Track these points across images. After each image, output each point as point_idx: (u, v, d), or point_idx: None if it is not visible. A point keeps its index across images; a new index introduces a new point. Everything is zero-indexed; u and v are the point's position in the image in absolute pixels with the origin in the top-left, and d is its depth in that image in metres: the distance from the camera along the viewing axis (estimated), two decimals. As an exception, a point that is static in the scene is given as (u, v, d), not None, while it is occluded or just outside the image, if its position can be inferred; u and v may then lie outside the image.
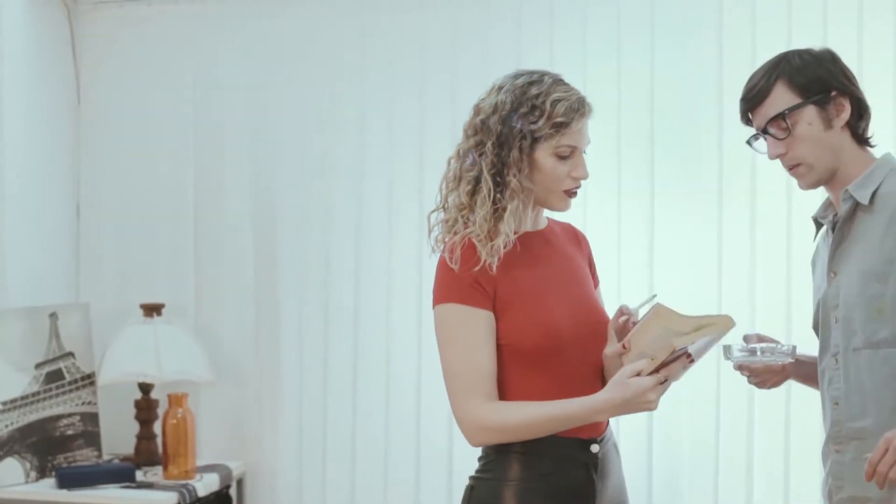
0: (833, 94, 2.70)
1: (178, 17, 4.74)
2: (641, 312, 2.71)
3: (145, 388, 4.57)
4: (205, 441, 4.64)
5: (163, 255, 4.76)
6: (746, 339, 2.88)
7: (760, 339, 2.88)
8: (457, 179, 2.75)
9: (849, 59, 2.79)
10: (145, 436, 4.58)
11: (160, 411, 4.53)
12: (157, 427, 4.56)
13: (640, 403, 2.51)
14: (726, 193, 4.18)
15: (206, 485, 4.35)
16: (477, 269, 2.63)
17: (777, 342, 2.86)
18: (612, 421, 2.80)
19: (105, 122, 4.83)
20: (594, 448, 2.69)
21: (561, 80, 2.72)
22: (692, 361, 2.54)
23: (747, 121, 2.80)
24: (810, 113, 2.69)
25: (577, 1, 4.35)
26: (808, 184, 2.77)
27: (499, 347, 2.66)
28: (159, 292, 4.68)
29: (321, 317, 4.60)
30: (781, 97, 2.71)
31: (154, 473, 4.43)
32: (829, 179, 2.75)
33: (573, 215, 2.87)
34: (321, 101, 4.61)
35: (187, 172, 4.74)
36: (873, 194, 2.68)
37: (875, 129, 2.78)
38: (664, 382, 2.52)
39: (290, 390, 4.63)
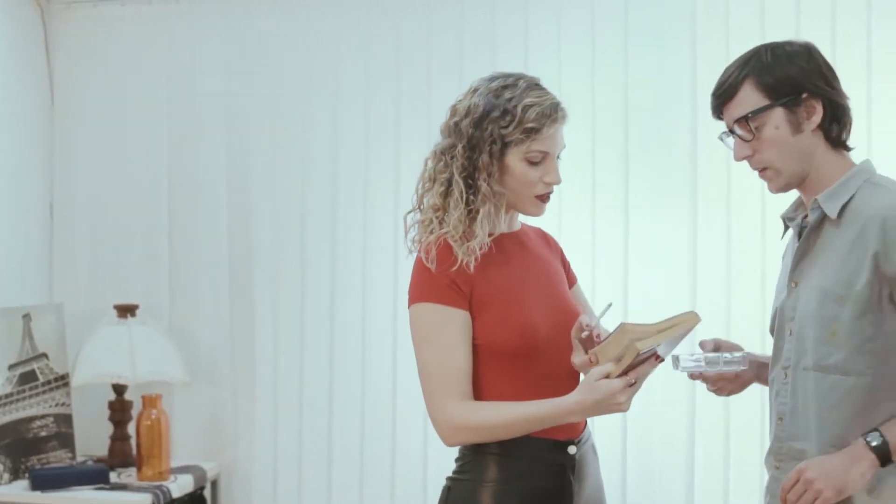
0: (804, 95, 2.56)
1: (151, 17, 4.73)
2: (602, 322, 2.70)
3: (119, 389, 4.56)
4: (179, 442, 4.62)
5: (137, 255, 4.75)
6: (702, 345, 2.81)
7: (717, 345, 2.80)
8: (431, 180, 2.75)
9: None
10: (119, 437, 4.57)
11: (134, 412, 4.52)
12: (131, 428, 4.55)
13: (611, 405, 2.51)
14: (701, 193, 4.19)
15: (180, 486, 4.34)
16: (454, 269, 2.63)
17: (736, 347, 2.80)
18: (587, 422, 2.81)
19: (79, 121, 4.82)
20: (571, 450, 2.70)
21: (536, 85, 2.72)
22: (661, 360, 2.54)
23: (719, 115, 2.67)
24: (777, 116, 2.56)
25: (551, 2, 4.35)
26: (777, 188, 2.65)
27: (475, 347, 2.66)
28: (133, 293, 4.68)
29: (296, 317, 4.60)
30: (748, 97, 2.58)
31: (128, 475, 4.42)
32: (799, 183, 2.63)
33: (548, 216, 2.87)
34: (296, 101, 4.60)
35: (161, 173, 4.73)
36: (843, 207, 2.55)
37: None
38: (634, 384, 2.51)
39: (265, 391, 4.62)
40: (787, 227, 2.80)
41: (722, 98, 2.63)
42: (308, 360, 4.59)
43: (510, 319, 2.64)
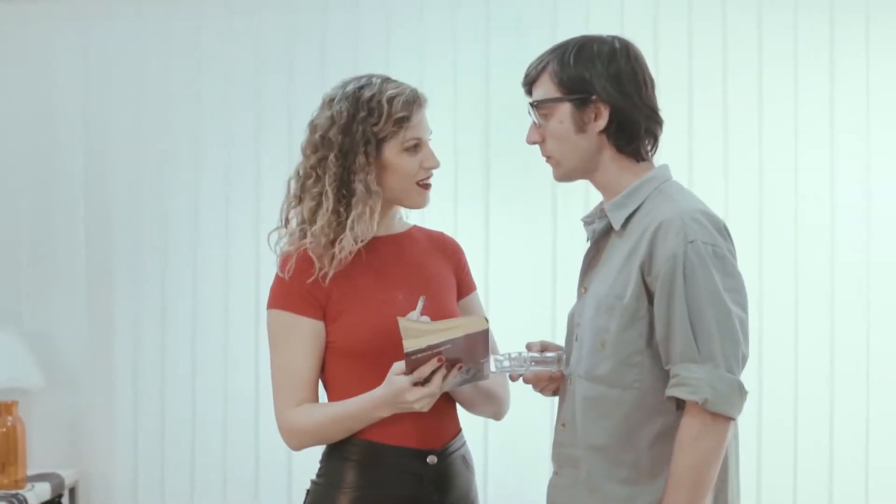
0: (593, 97, 2.54)
1: (13, 17, 4.62)
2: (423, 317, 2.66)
3: (-27, 396, 4.45)
4: (36, 449, 4.53)
5: (-9, 259, 4.64)
6: (529, 346, 2.71)
7: (544, 346, 2.71)
8: (297, 198, 2.75)
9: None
10: (-26, 445, 4.46)
11: (-11, 420, 4.42)
12: (-14, 436, 4.44)
13: (402, 403, 2.54)
14: (560, 192, 4.22)
15: (37, 494, 4.26)
16: (311, 279, 2.67)
17: (560, 347, 2.71)
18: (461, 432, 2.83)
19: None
20: (431, 460, 2.70)
21: (389, 78, 2.75)
22: (442, 362, 2.50)
23: (529, 94, 2.69)
24: (564, 110, 2.56)
25: (413, 2, 4.38)
26: (558, 178, 2.66)
27: (333, 350, 2.69)
28: (-13, 297, 4.57)
29: (157, 321, 4.55)
30: (544, 86, 2.60)
31: (-17, 484, 4.32)
32: (581, 177, 2.63)
33: (413, 219, 2.91)
34: (157, 103, 4.55)
35: (18, 174, 4.62)
36: (628, 218, 2.54)
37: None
38: (425, 385, 2.51)
39: (124, 396, 4.56)
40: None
41: (528, 79, 2.66)
42: (169, 364, 4.54)
43: (366, 321, 2.66)
